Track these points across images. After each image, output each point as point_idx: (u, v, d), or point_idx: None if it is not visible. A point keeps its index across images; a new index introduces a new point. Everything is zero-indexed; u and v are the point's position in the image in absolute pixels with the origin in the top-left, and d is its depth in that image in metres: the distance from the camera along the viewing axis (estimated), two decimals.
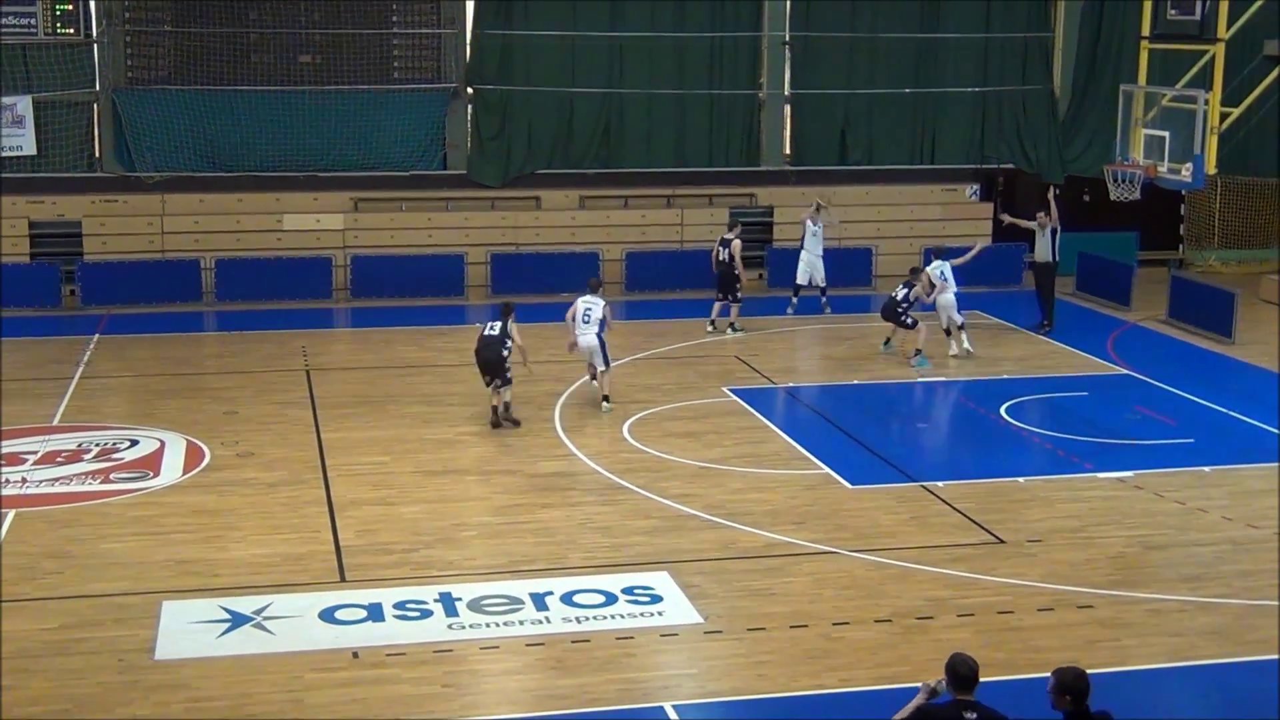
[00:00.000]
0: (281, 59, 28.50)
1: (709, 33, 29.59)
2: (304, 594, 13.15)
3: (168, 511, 15.47)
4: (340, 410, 19.66)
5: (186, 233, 27.88)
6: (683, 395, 20.46)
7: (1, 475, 16.46)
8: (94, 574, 13.67)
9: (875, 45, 30.20)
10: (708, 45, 29.68)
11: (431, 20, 29.02)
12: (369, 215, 28.69)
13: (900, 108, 30.63)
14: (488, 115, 29.27)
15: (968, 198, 31.14)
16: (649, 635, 12.45)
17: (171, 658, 11.82)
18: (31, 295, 26.64)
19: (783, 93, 30.47)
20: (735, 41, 29.85)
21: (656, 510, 15.65)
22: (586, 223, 29.34)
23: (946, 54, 30.55)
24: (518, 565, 14.01)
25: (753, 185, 30.38)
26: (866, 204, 30.34)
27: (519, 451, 17.87)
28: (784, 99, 30.52)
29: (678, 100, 29.69)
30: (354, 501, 15.85)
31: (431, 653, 12.02)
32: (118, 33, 27.86)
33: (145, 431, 18.47)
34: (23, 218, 27.54)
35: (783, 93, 30.47)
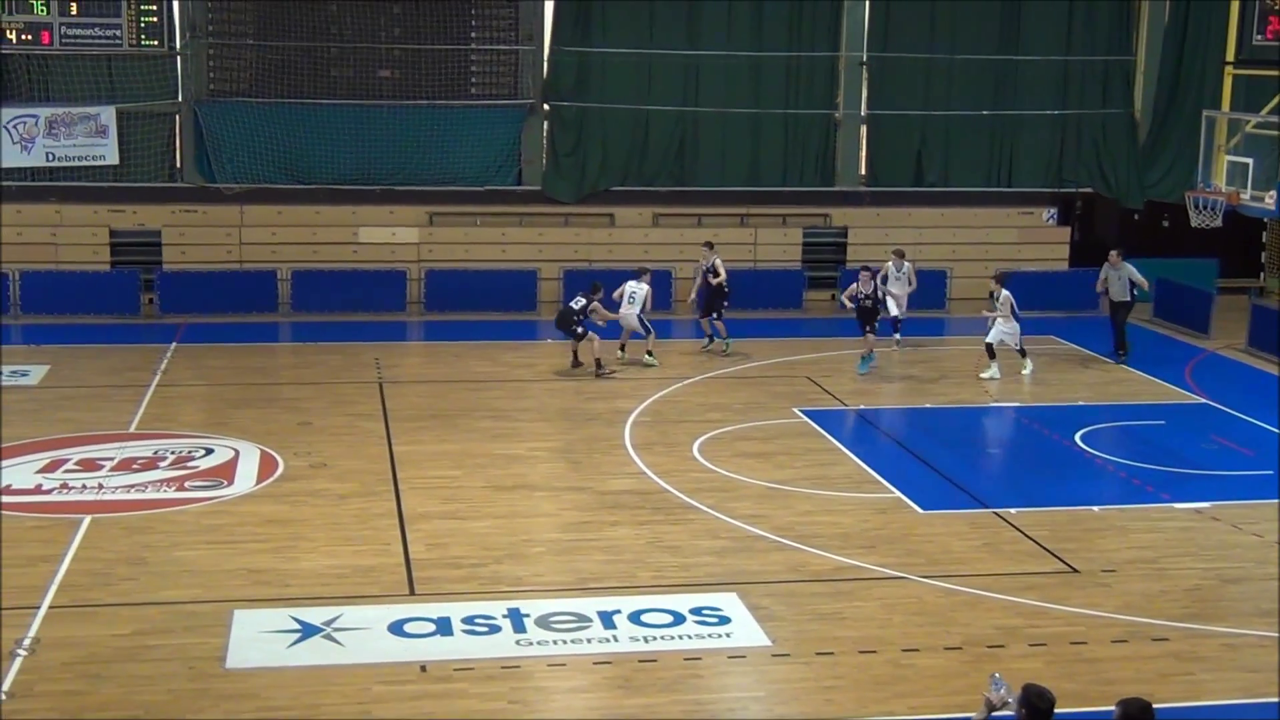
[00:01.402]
0: (361, 73, 28.79)
1: (786, 52, 29.55)
2: (373, 606, 13.20)
3: (241, 520, 15.60)
4: (412, 423, 19.76)
5: (264, 244, 28.19)
6: (753, 415, 20.39)
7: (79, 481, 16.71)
8: (167, 581, 13.79)
9: (953, 66, 30.06)
10: (784, 64, 29.65)
11: (509, 37, 29.18)
12: (444, 229, 28.87)
13: (977, 130, 30.44)
14: (563, 131, 29.41)
15: (1044, 221, 30.88)
16: (716, 657, 12.39)
17: (242, 666, 11.89)
18: (111, 303, 27.02)
19: (859, 113, 30.39)
20: (812, 61, 29.80)
21: (726, 531, 15.58)
22: (660, 240, 29.37)
23: (1025, 76, 30.34)
24: (586, 583, 13.99)
25: (827, 205, 30.28)
26: (941, 226, 30.18)
27: (588, 469, 17.87)
28: (860, 119, 30.43)
29: (753, 119, 29.68)
30: (424, 515, 15.90)
31: (499, 668, 12.02)
32: (201, 45, 28.23)
33: (220, 440, 18.64)
34: (104, 226, 27.96)
35: (859, 113, 30.39)
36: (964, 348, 24.66)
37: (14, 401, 20.75)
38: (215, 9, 28.38)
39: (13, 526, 15.20)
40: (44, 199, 27.91)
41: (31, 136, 27.67)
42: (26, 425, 19.27)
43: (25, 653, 11.99)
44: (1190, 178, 27.75)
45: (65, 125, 27.79)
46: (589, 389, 21.69)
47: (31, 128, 27.67)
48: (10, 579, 13.68)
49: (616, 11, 29.01)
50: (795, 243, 29.80)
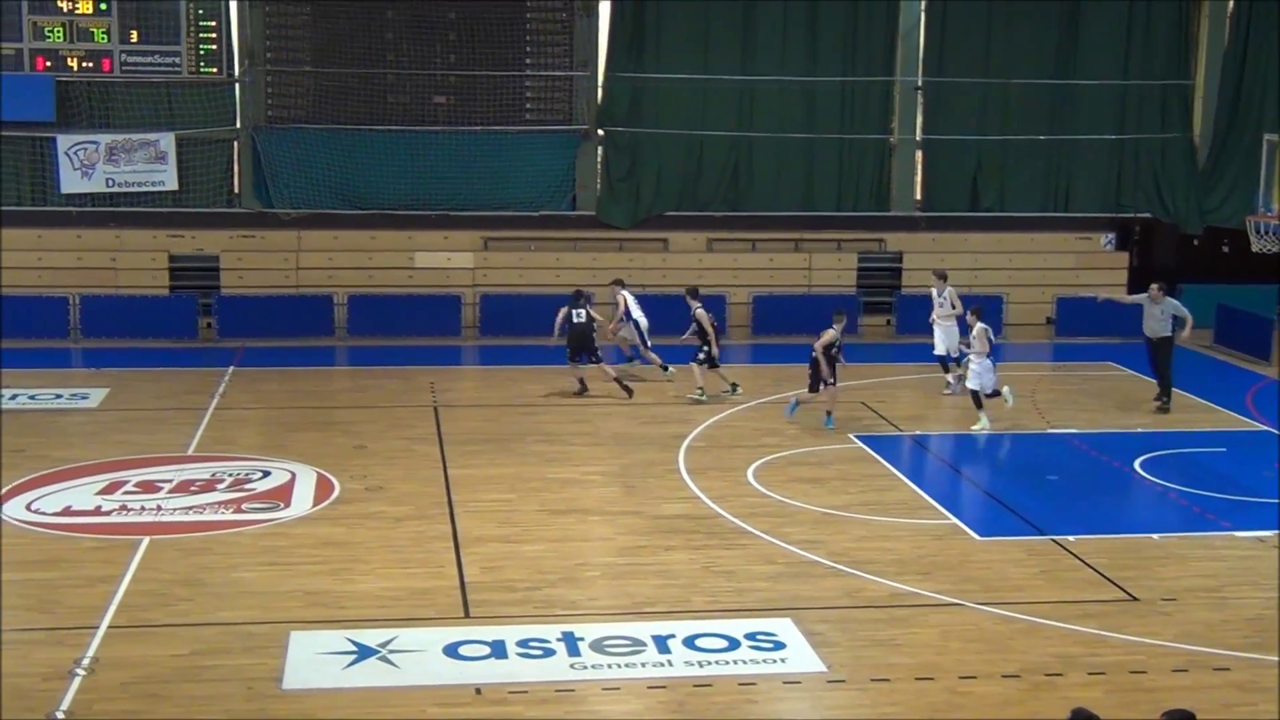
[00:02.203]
0: (416, 99, 29.00)
1: (840, 77, 29.53)
2: (429, 629, 13.21)
3: (297, 542, 15.67)
4: (467, 447, 19.81)
5: (321, 268, 28.40)
6: (808, 441, 20.31)
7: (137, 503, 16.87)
8: (224, 602, 13.86)
9: (1009, 91, 29.94)
10: (839, 89, 29.64)
11: (564, 63, 29.32)
12: (499, 254, 28.99)
13: (1034, 154, 30.30)
14: (618, 157, 29.50)
15: (1102, 247, 30.68)
16: (771, 682, 12.32)
17: (298, 688, 11.93)
18: (170, 327, 27.31)
19: (914, 137, 30.32)
20: (867, 86, 29.77)
21: (780, 556, 15.51)
22: (714, 265, 29.37)
23: (1083, 100, 30.16)
24: (640, 607, 13.96)
25: (882, 230, 30.22)
26: (997, 251, 30.04)
27: (642, 493, 17.85)
28: (915, 144, 30.36)
29: (807, 144, 29.67)
30: (479, 538, 15.92)
31: (553, 691, 12.00)
32: (259, 72, 28.53)
33: (277, 463, 18.76)
34: (163, 251, 28.25)
35: (914, 137, 30.32)
36: (1020, 373, 24.47)
37: (74, 424, 21.00)
38: (273, 36, 28.69)
39: (72, 547, 15.35)
40: (104, 224, 28.24)
41: (92, 162, 28.02)
42: (86, 447, 19.49)
43: (84, 672, 12.08)
44: (1250, 202, 27.46)
45: (125, 151, 28.12)
46: (643, 414, 21.66)
47: (92, 154, 28.02)
48: (70, 599, 13.81)
49: (671, 37, 29.11)
50: (850, 268, 29.72)
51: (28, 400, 22.24)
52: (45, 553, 15.18)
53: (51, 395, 22.57)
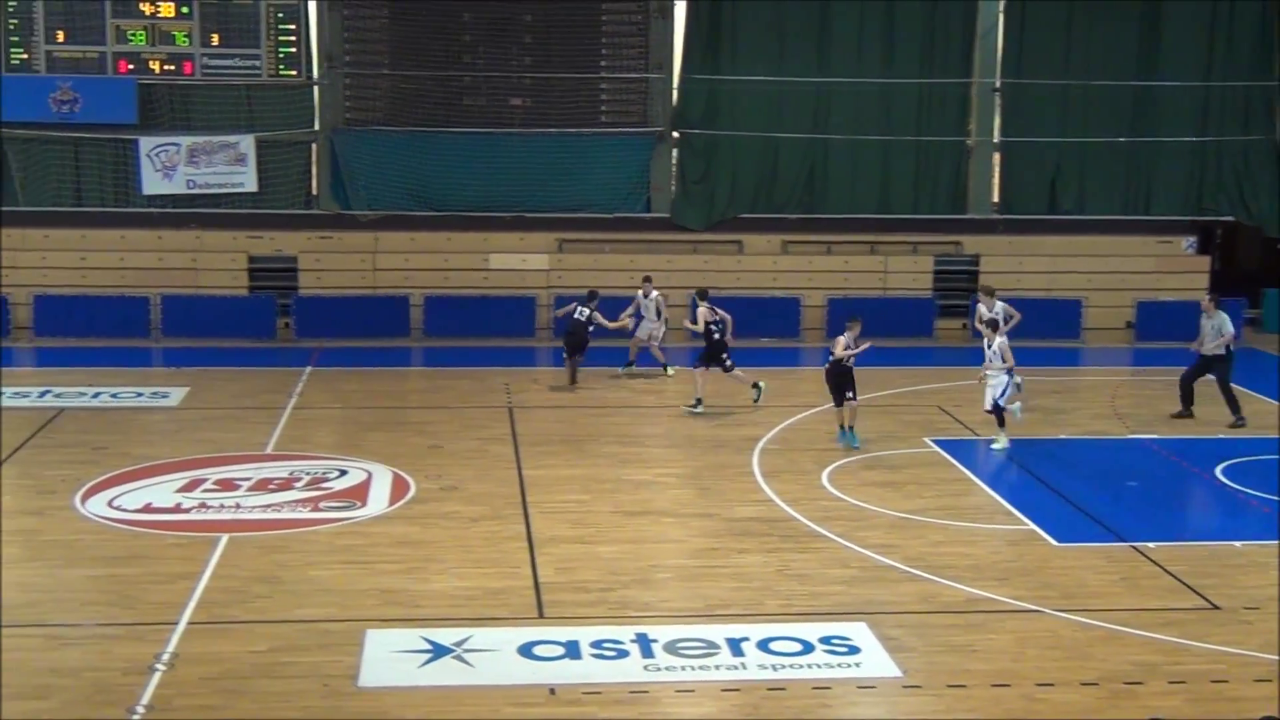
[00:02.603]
0: (493, 102, 29.17)
1: (918, 79, 29.35)
2: (503, 628, 13.25)
3: (373, 541, 15.78)
4: (541, 448, 19.87)
5: (397, 269, 28.62)
6: (883, 444, 20.19)
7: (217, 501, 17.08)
8: (301, 600, 13.98)
9: (1089, 92, 29.62)
10: (916, 91, 29.46)
11: (640, 65, 29.35)
12: (573, 256, 29.07)
13: (1114, 157, 29.96)
14: (693, 159, 29.50)
15: (1183, 250, 30.26)
16: (846, 687, 12.24)
17: (374, 685, 12.01)
18: (249, 327, 27.62)
19: (992, 139, 30.07)
20: (944, 88, 29.57)
21: (855, 560, 15.43)
22: (788, 268, 29.29)
23: (1164, 102, 29.81)
24: (714, 609, 13.92)
25: (958, 233, 30.00)
26: (1076, 254, 29.73)
27: (716, 495, 17.81)
28: (993, 146, 30.10)
29: (884, 146, 29.52)
30: (553, 539, 15.95)
31: (627, 693, 11.99)
32: (337, 75, 28.78)
33: (353, 462, 18.91)
34: (242, 252, 28.57)
35: (992, 139, 30.07)
36: (1099, 378, 24.23)
37: (155, 422, 21.28)
38: (351, 39, 28.94)
39: (153, 543, 15.55)
40: (185, 225, 28.61)
41: (173, 164, 28.41)
42: (167, 445, 19.74)
43: (164, 667, 12.22)
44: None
45: (206, 153, 28.48)
46: (717, 416, 21.63)
47: (173, 156, 28.40)
48: (150, 595, 13.98)
49: (747, 39, 29.06)
50: (926, 270, 29.53)
51: (109, 398, 22.57)
52: (127, 549, 15.39)
53: (133, 394, 22.88)
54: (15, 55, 27.94)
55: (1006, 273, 29.18)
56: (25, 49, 27.92)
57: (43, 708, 11.45)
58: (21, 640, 12.84)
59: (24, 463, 18.86)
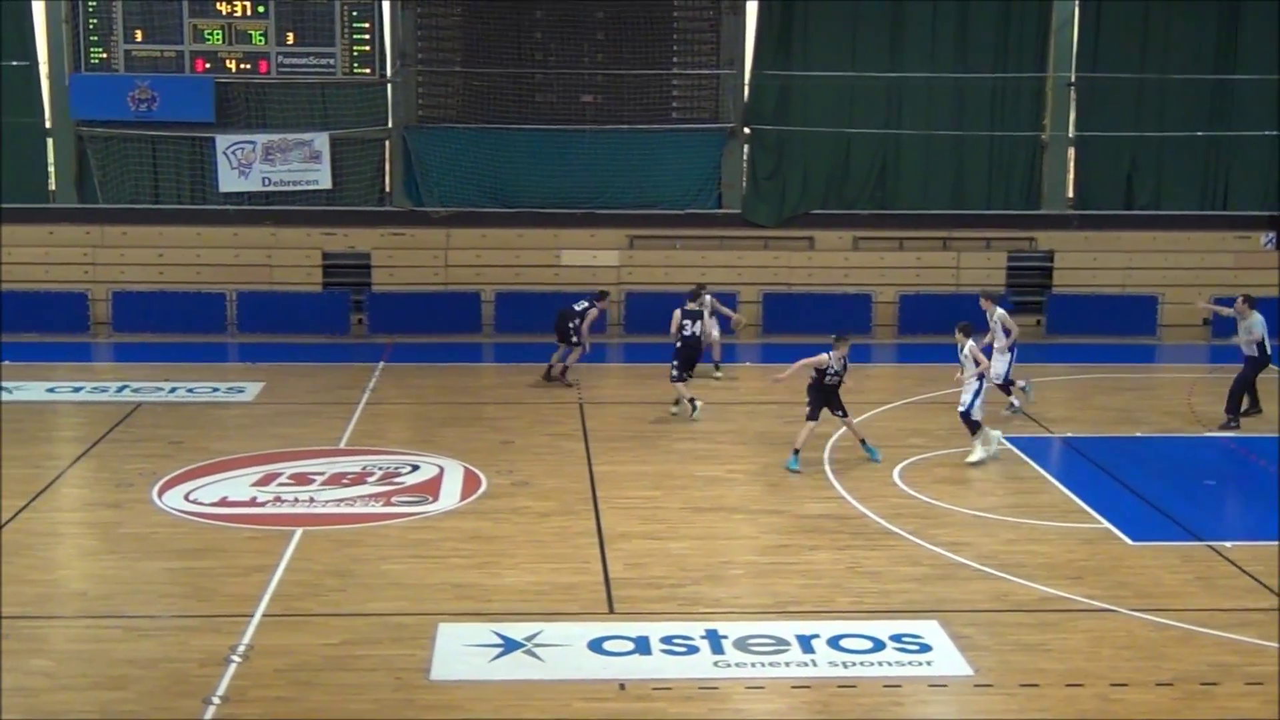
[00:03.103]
0: (564, 98, 29.22)
1: (991, 73, 29.11)
2: (573, 623, 13.31)
3: (445, 536, 15.89)
4: (611, 443, 19.92)
5: (469, 266, 28.78)
6: (955, 441, 20.03)
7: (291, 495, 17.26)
8: (374, 593, 14.11)
9: (1166, 86, 29.25)
10: (989, 86, 29.21)
11: (711, 61, 29.31)
12: (644, 252, 29.10)
13: (1191, 151, 29.57)
14: (764, 155, 29.43)
15: (1262, 246, 29.81)
16: (917, 685, 12.19)
17: (446, 679, 12.09)
18: (322, 323, 27.89)
19: (1067, 134, 29.76)
20: (1018, 82, 29.31)
21: (927, 557, 15.35)
22: (860, 264, 29.17)
23: (1242, 95, 29.37)
24: (784, 606, 13.90)
25: (1033, 229, 29.73)
26: (1153, 250, 29.40)
27: (786, 492, 17.78)
28: (1068, 141, 29.80)
29: (957, 141, 29.30)
30: (623, 534, 15.99)
31: (697, 689, 12.01)
32: (410, 73, 28.97)
33: (425, 457, 19.04)
34: (317, 249, 28.85)
35: (1067, 134, 29.76)
36: (1175, 375, 23.94)
37: (230, 417, 21.53)
38: (424, 37, 29.11)
39: (229, 537, 15.75)
40: (260, 222, 28.91)
41: (249, 162, 28.71)
42: (242, 440, 19.99)
43: (240, 659, 12.38)
44: None
45: (281, 151, 28.76)
46: (788, 412, 21.53)
47: (249, 154, 28.70)
48: (226, 587, 14.17)
49: (818, 35, 28.94)
50: (999, 266, 29.30)
51: (186, 393, 22.88)
52: (203, 542, 15.59)
53: (209, 389, 23.18)
54: (95, 54, 28.34)
55: (1081, 269, 28.94)
56: (104, 48, 28.32)
57: (121, 698, 11.64)
58: (101, 631, 13.06)
59: (102, 456, 19.17)
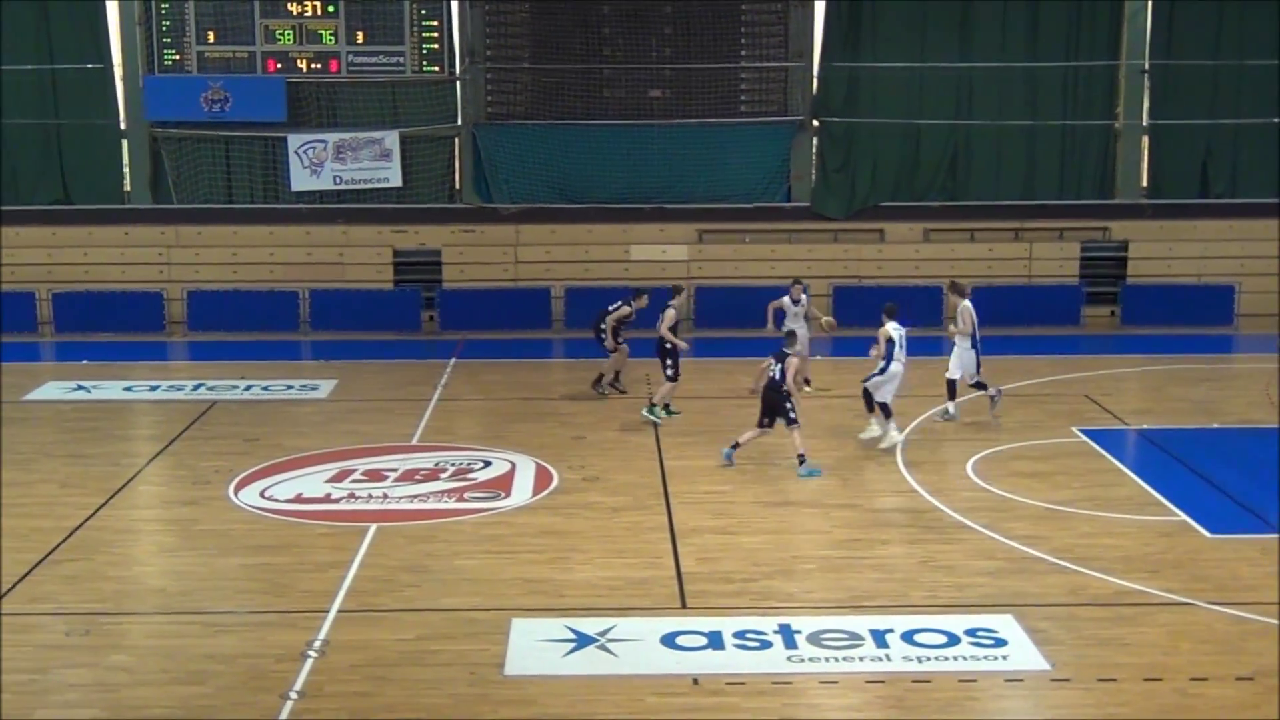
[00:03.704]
0: (632, 94, 29.25)
1: (1063, 62, 28.81)
2: (646, 618, 13.32)
3: (518, 531, 15.96)
4: (682, 438, 19.91)
5: (538, 262, 28.87)
6: (1029, 434, 19.89)
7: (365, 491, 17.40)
8: (448, 589, 14.19)
9: (1241, 72, 28.80)
10: (1061, 74, 28.92)
11: (779, 54, 29.21)
12: (713, 246, 29.07)
13: (1268, 138, 29.08)
14: (833, 147, 29.30)
15: None
16: (992, 680, 12.10)
17: (520, 674, 12.15)
18: (394, 320, 28.09)
19: (1140, 122, 29.40)
20: (1090, 70, 28.99)
21: (1001, 551, 15.23)
22: (931, 256, 28.99)
23: None
24: (858, 600, 13.85)
25: (1106, 219, 29.41)
26: (1229, 239, 28.97)
27: (858, 486, 17.71)
28: (1141, 129, 29.44)
29: (1028, 131, 29.04)
30: (695, 529, 15.98)
31: (770, 684, 11.98)
32: (479, 70, 29.09)
33: (497, 453, 19.13)
34: (388, 246, 29.05)
35: (1140, 122, 29.40)
36: (1253, 365, 23.59)
37: (305, 414, 21.73)
38: (493, 34, 29.23)
39: (304, 533, 15.90)
40: (332, 221, 29.15)
41: (320, 161, 28.95)
42: (316, 437, 20.17)
43: (316, 654, 12.49)
44: None
45: (352, 150, 28.97)
46: (858, 406, 21.44)
47: (321, 153, 28.94)
48: (302, 583, 14.30)
49: (887, 26, 28.78)
50: (1073, 257, 29.01)
51: (261, 391, 23.12)
52: (278, 538, 15.76)
53: (283, 386, 23.41)
54: (168, 56, 28.69)
55: (1156, 258, 28.59)
56: (177, 50, 28.66)
57: (200, 693, 11.79)
58: (180, 627, 13.23)
59: (179, 454, 19.41)
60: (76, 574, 14.62)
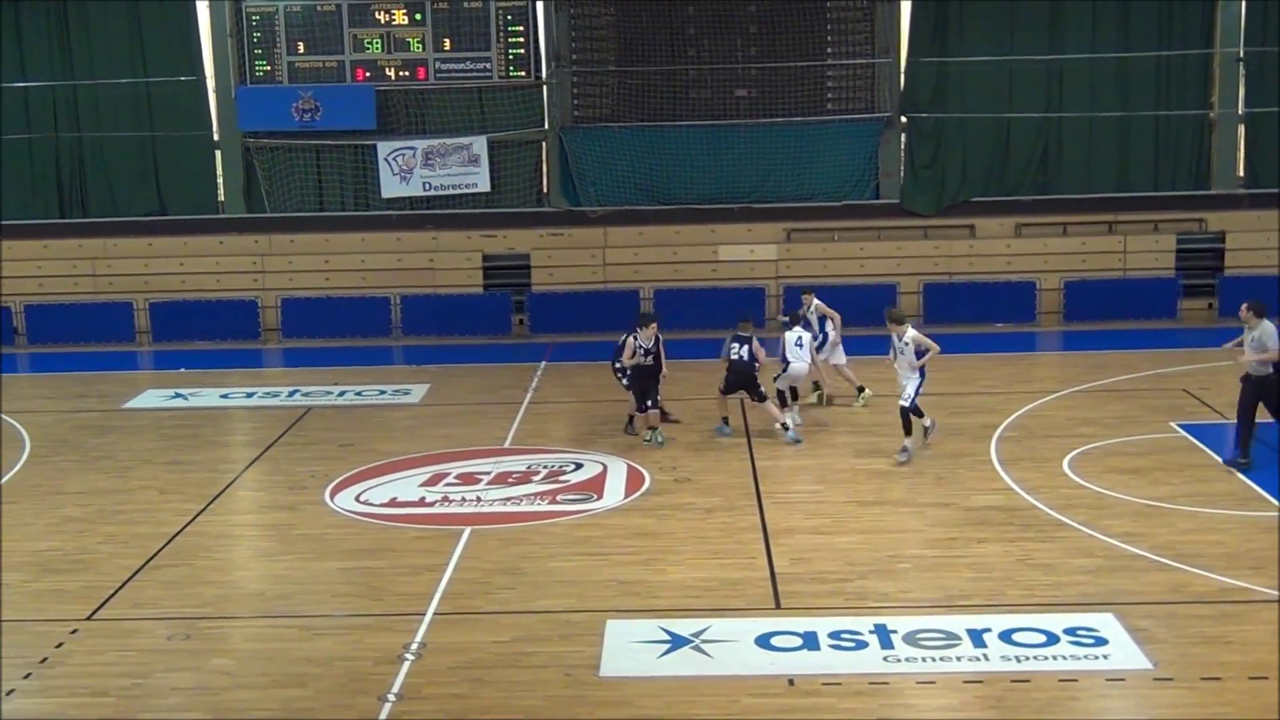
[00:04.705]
0: (718, 94, 29.21)
1: (1155, 51, 28.37)
2: (740, 619, 13.28)
3: (610, 533, 15.98)
4: (773, 438, 19.82)
5: (626, 264, 28.90)
6: (1126, 430, 19.60)
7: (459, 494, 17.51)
8: (542, 591, 14.23)
9: None
10: (1154, 64, 28.47)
11: (866, 50, 29.03)
12: (801, 245, 28.95)
13: None
14: (921, 143, 29.08)
15: None
16: (1093, 679, 11.93)
17: (615, 675, 12.15)
18: (485, 324, 28.27)
19: (1236, 111, 28.88)
20: (1184, 59, 28.52)
21: (1100, 549, 15.01)
22: (1022, 251, 28.65)
23: None
24: (954, 600, 13.71)
25: (1202, 210, 28.91)
26: None
27: (953, 484, 17.54)
28: (1237, 118, 28.91)
29: (1121, 122, 28.63)
30: (788, 529, 15.92)
31: (867, 684, 11.90)
32: (565, 74, 29.19)
33: (589, 455, 19.18)
34: (477, 251, 29.23)
35: (1236, 111, 28.88)
36: None
37: (398, 418, 21.91)
38: (578, 38, 29.32)
39: (399, 536, 16.03)
40: (421, 226, 29.39)
41: (410, 168, 29.19)
42: (410, 441, 20.33)
43: (413, 657, 12.59)
44: None
45: (440, 156, 29.19)
46: (951, 404, 21.29)
47: (410, 159, 29.19)
48: (398, 586, 14.42)
49: (975, 19, 28.51)
50: (1168, 249, 28.54)
51: (354, 396, 23.35)
52: (374, 541, 15.89)
53: (376, 391, 23.62)
54: (259, 67, 29.08)
55: (1254, 249, 28.04)
56: (268, 61, 29.04)
57: (300, 695, 11.92)
58: (279, 631, 13.38)
59: (276, 459, 19.65)
60: (177, 579, 14.84)
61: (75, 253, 29.51)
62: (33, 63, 29.42)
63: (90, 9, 29.20)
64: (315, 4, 28.81)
